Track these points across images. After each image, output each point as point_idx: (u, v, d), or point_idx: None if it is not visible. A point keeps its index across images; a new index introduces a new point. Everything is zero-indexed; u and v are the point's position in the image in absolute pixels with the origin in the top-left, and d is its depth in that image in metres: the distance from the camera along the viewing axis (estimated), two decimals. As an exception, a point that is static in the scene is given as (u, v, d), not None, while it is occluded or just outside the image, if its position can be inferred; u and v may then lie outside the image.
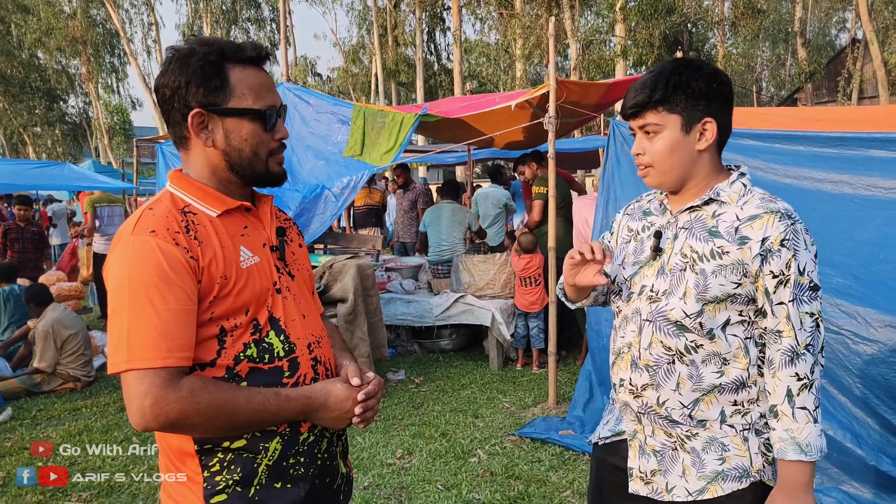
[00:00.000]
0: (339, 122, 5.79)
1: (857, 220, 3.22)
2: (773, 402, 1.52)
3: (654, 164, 1.57)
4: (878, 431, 3.06)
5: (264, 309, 1.38)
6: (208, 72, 1.34)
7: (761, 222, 1.50)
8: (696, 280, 1.52)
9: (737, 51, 26.42)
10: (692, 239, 1.57)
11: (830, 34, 35.87)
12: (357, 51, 34.44)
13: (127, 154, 29.82)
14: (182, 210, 1.35)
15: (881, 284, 3.09)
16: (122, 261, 1.27)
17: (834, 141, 3.36)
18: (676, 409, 1.58)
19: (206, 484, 1.33)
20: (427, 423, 4.66)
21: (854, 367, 3.08)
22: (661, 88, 1.53)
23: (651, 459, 1.65)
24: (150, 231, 1.28)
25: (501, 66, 24.45)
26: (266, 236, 1.46)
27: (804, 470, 1.48)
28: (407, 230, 9.21)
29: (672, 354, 1.57)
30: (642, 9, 17.03)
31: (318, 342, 1.48)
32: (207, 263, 1.30)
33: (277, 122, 1.41)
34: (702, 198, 1.57)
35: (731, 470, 1.57)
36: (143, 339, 1.22)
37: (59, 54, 33.19)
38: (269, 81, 1.42)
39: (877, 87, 19.41)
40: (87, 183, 12.62)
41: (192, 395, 1.23)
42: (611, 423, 1.78)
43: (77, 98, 37.39)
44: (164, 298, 1.24)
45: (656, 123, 1.55)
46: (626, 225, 1.78)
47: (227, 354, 1.32)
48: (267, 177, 1.44)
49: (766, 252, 1.48)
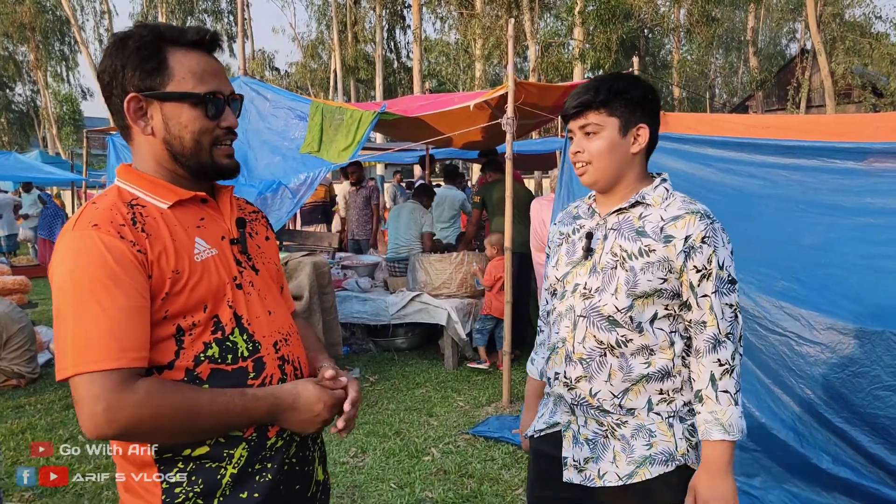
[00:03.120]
0: (296, 117, 5.73)
1: (802, 225, 3.32)
2: (697, 387, 1.66)
3: (593, 161, 1.69)
4: (820, 431, 3.15)
5: (225, 305, 1.29)
6: (144, 54, 1.27)
7: (684, 222, 1.63)
8: (627, 276, 1.64)
9: (691, 57, 26.97)
10: (621, 239, 1.69)
11: (781, 44, 36.91)
12: (316, 46, 34.09)
13: (76, 145, 28.98)
14: (129, 203, 1.27)
15: (824, 288, 3.19)
16: (63, 258, 1.19)
17: (782, 149, 3.45)
18: (608, 399, 1.68)
19: (164, 496, 1.24)
20: (381, 421, 4.65)
21: (797, 368, 3.17)
22: (603, 92, 1.66)
23: (584, 448, 1.74)
24: (92, 225, 1.20)
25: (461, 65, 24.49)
26: (226, 228, 1.37)
27: (726, 449, 1.61)
28: (361, 227, 9.16)
29: (604, 348, 1.67)
30: (600, 13, 17.24)
31: (285, 340, 1.39)
32: (157, 257, 1.22)
33: (226, 109, 1.33)
34: (629, 200, 1.70)
35: (657, 454, 1.67)
36: (92, 341, 1.14)
37: (5, 40, 32.07)
38: (216, 67, 1.33)
39: (824, 97, 20.04)
40: (34, 174, 12.24)
41: (148, 397, 1.14)
42: (545, 415, 1.86)
43: (24, 86, 36.21)
44: (111, 296, 1.15)
45: (597, 124, 1.68)
46: (558, 230, 1.89)
47: (185, 355, 1.23)
48: (213, 169, 1.34)
49: (689, 249, 1.61)
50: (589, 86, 1.69)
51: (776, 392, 3.25)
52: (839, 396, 3.06)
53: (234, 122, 1.35)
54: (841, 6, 22.73)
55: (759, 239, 3.43)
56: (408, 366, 6.09)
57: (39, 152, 20.84)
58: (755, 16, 27.17)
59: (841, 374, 3.06)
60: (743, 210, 3.50)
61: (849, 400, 3.04)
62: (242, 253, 1.39)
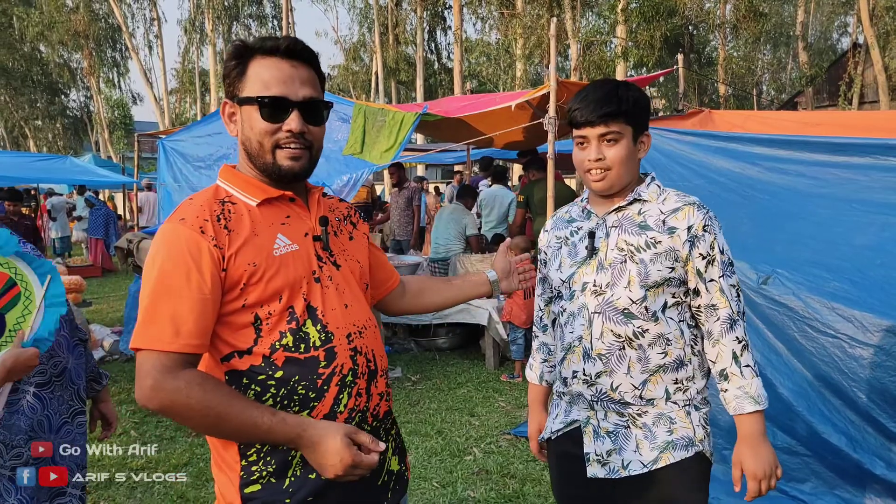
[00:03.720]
0: (339, 119, 5.79)
1: (854, 225, 3.23)
2: (721, 366, 1.74)
3: (613, 168, 1.72)
4: (873, 435, 3.06)
5: (300, 297, 1.38)
6: (232, 63, 1.42)
7: (683, 213, 1.73)
8: (638, 269, 1.71)
9: (738, 53, 26.39)
10: (625, 234, 1.75)
11: (832, 38, 35.91)
12: (358, 49, 34.41)
13: (127, 148, 29.79)
14: (221, 200, 1.41)
15: (878, 289, 3.10)
16: (154, 245, 1.35)
17: (833, 146, 3.37)
18: (629, 391, 1.73)
19: (242, 473, 1.36)
20: (423, 420, 4.67)
21: (850, 371, 3.09)
22: (623, 102, 1.71)
23: (606, 441, 1.77)
24: (180, 219, 1.35)
25: (502, 65, 24.44)
26: (310, 226, 1.47)
27: (759, 419, 1.72)
28: (403, 228, 9.21)
29: (622, 341, 1.72)
30: (644, 10, 17.01)
31: (359, 333, 1.46)
32: (235, 251, 1.34)
33: (291, 113, 1.38)
34: (627, 199, 1.77)
35: (678, 440, 1.74)
36: (156, 322, 1.28)
37: (61, 48, 33.14)
38: (290, 74, 1.40)
39: (877, 92, 19.41)
40: (88, 177, 12.63)
41: (186, 387, 1.25)
42: (559, 416, 1.89)
43: (78, 92, 37.40)
44: (179, 285, 1.29)
45: (618, 132, 1.71)
46: (553, 235, 1.93)
47: (263, 343, 1.35)
48: (276, 171, 1.41)
49: (692, 238, 1.71)
50: (606, 94, 1.71)
51: (827, 395, 3.17)
52: (894, 400, 2.97)
53: (296, 126, 1.39)
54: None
55: (810, 239, 3.35)
56: (449, 365, 6.10)
57: (93, 156, 21.51)
58: (805, 10, 26.48)
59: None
60: (792, 210, 3.43)
61: (904, 404, 2.95)
62: (324, 249, 1.48)
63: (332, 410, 1.38)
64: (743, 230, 3.54)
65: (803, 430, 3.15)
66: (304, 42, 1.45)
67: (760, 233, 3.53)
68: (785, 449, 3.21)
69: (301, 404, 1.35)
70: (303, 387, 1.35)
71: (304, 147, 1.42)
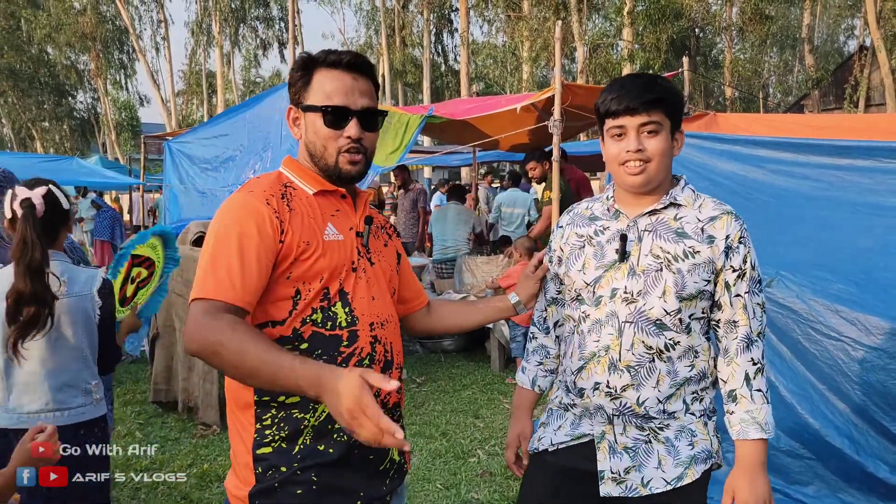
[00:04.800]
0: (345, 121, 5.81)
1: (858, 227, 3.23)
2: (731, 387, 1.66)
3: (653, 160, 1.61)
4: (876, 438, 3.06)
5: (337, 281, 1.49)
6: (299, 73, 1.56)
7: (722, 222, 1.64)
8: (675, 279, 1.61)
9: (744, 56, 26.36)
10: (660, 240, 1.65)
11: (838, 41, 35.84)
12: (365, 51, 34.44)
13: (134, 150, 29.89)
14: (284, 184, 1.54)
15: (882, 292, 3.10)
16: (220, 211, 1.47)
17: (837, 149, 3.37)
18: (654, 406, 1.64)
19: (256, 436, 1.44)
20: (428, 422, 4.68)
21: (853, 373, 3.09)
22: (665, 91, 1.61)
23: (623, 458, 1.67)
24: (248, 191, 1.48)
25: (508, 68, 24.47)
26: (355, 222, 1.60)
27: (762, 448, 1.63)
28: (408, 230, 9.24)
29: (653, 353, 1.63)
30: (650, 13, 17.04)
31: (381, 324, 1.55)
32: (294, 227, 1.45)
33: (350, 122, 1.52)
34: (662, 202, 1.66)
35: (700, 453, 1.67)
36: (214, 275, 1.38)
37: (68, 50, 33.33)
38: (351, 86, 1.53)
39: (884, 95, 19.36)
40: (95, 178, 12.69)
41: (223, 325, 1.30)
42: (564, 427, 1.77)
43: (85, 94, 37.61)
44: (240, 246, 1.39)
45: (659, 123, 1.61)
46: (573, 232, 1.79)
47: (296, 316, 1.45)
48: (336, 173, 1.55)
49: (728, 249, 1.63)
50: (646, 83, 1.61)
51: (831, 398, 3.17)
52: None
53: (354, 133, 1.53)
54: (903, 1, 21.93)
55: (814, 241, 3.35)
56: (454, 367, 6.12)
57: (99, 157, 21.59)
58: (811, 12, 26.41)
59: (900, 381, 2.97)
60: (796, 212, 3.43)
61: (908, 407, 2.95)
62: (364, 245, 1.60)
63: None
64: (747, 233, 3.55)
65: (806, 433, 3.15)
66: (364, 56, 1.58)
67: (764, 235, 3.52)
68: (788, 452, 3.21)
69: None
70: (324, 361, 1.42)
71: (361, 152, 1.56)
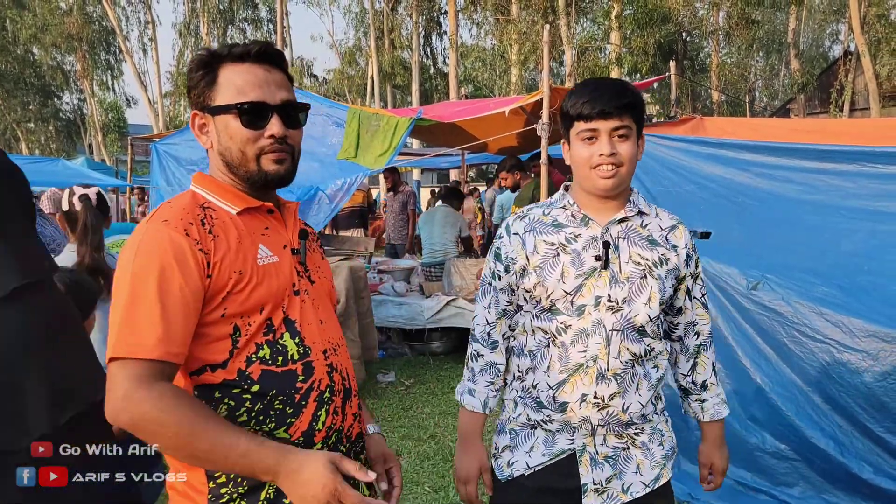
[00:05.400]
0: (333, 124, 5.82)
1: (842, 231, 3.26)
2: (703, 378, 1.84)
3: (625, 164, 1.62)
4: (860, 440, 3.09)
5: (279, 309, 1.34)
6: (200, 73, 1.36)
7: (679, 231, 1.73)
8: (659, 285, 1.66)
9: (731, 60, 26.55)
10: (636, 247, 1.67)
11: (823, 46, 36.13)
12: (353, 53, 34.43)
13: (121, 152, 29.71)
14: (202, 205, 1.34)
15: (865, 295, 3.14)
16: (130, 248, 1.25)
17: (821, 153, 3.41)
18: (637, 411, 1.67)
19: (210, 496, 1.27)
20: (416, 425, 4.68)
21: (838, 376, 3.12)
22: (629, 96, 1.61)
23: (605, 467, 1.68)
24: (162, 221, 1.27)
25: (497, 71, 24.50)
26: (288, 239, 1.43)
27: (724, 421, 1.88)
28: (398, 232, 9.24)
29: (634, 360, 1.66)
30: (637, 17, 17.14)
31: (334, 350, 1.42)
32: (220, 258, 1.27)
33: (271, 118, 1.34)
34: (631, 209, 1.69)
35: (669, 451, 1.76)
36: (135, 329, 1.19)
37: (54, 50, 33.03)
38: (264, 78, 1.36)
39: (868, 100, 19.56)
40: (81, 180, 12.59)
41: (160, 400, 1.15)
42: (538, 447, 1.72)
43: (71, 95, 37.26)
44: (161, 290, 1.20)
45: (629, 127, 1.62)
46: (540, 240, 1.70)
47: (239, 356, 1.28)
48: (262, 177, 1.36)
49: (688, 256, 1.73)
50: (615, 86, 1.62)
51: (816, 400, 3.20)
52: (881, 405, 3.00)
53: (278, 130, 1.35)
54: (886, 7, 22.16)
55: (799, 245, 3.38)
56: (443, 370, 6.11)
57: (85, 159, 21.39)
58: (796, 17, 26.65)
59: (883, 383, 3.00)
60: (781, 216, 3.47)
61: (891, 409, 2.98)
62: (301, 264, 1.44)
63: (311, 428, 1.33)
64: (733, 236, 3.58)
65: (792, 435, 3.18)
66: (273, 45, 1.41)
67: (750, 238, 3.56)
68: (774, 453, 3.24)
69: (278, 420, 1.29)
70: (280, 402, 1.29)
71: (287, 151, 1.39)
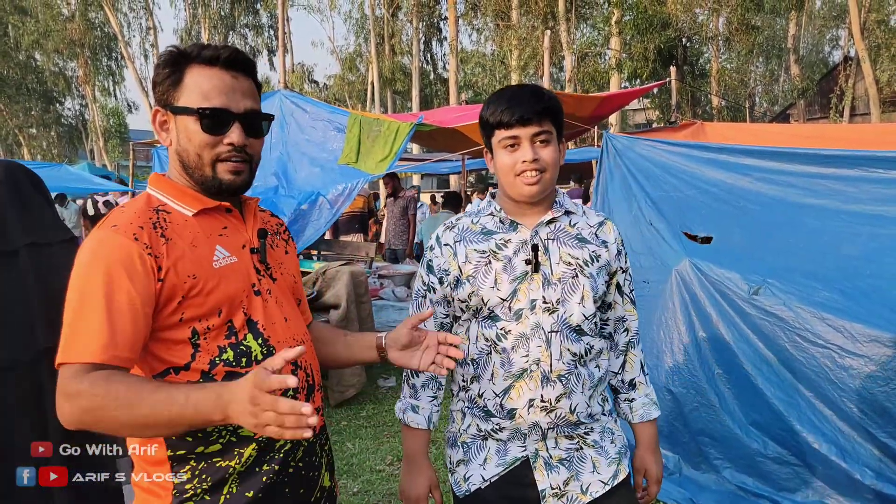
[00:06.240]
0: (334, 129, 5.83)
1: (843, 235, 3.26)
2: (630, 376, 1.81)
3: (548, 170, 1.61)
4: (862, 445, 3.08)
5: (240, 311, 1.34)
6: (166, 71, 1.35)
7: (608, 227, 1.74)
8: (591, 283, 1.65)
9: (731, 66, 26.60)
10: (565, 247, 1.67)
11: (823, 51, 36.20)
12: (354, 59, 34.51)
13: (122, 157, 29.79)
14: (155, 209, 1.33)
15: (867, 300, 3.13)
16: (81, 254, 1.25)
17: (822, 158, 3.40)
18: (584, 410, 1.66)
19: (175, 491, 1.30)
20: (416, 430, 4.67)
21: (840, 381, 3.11)
22: (547, 100, 1.61)
23: (560, 470, 1.66)
24: (111, 226, 1.26)
25: (497, 76, 24.55)
26: (247, 238, 1.42)
27: (656, 424, 1.82)
28: (398, 237, 9.25)
29: (576, 359, 1.64)
30: (637, 23, 17.19)
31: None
32: (174, 262, 1.27)
33: (232, 126, 1.34)
34: (558, 210, 1.69)
35: (622, 448, 1.75)
36: (81, 335, 1.19)
37: (56, 56, 33.15)
38: (231, 85, 1.35)
39: (868, 105, 19.60)
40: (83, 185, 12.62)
41: (91, 386, 1.15)
42: (492, 459, 1.69)
43: (73, 100, 37.38)
44: (107, 296, 1.20)
45: (550, 132, 1.62)
46: (471, 249, 1.69)
47: (201, 358, 1.29)
48: (216, 183, 1.36)
49: (618, 251, 1.73)
50: (533, 93, 1.62)
51: (817, 405, 3.19)
52: (883, 410, 3.00)
53: (237, 138, 1.34)
54: (886, 12, 22.23)
55: (799, 249, 3.38)
56: (443, 375, 6.10)
57: (87, 164, 21.47)
58: (796, 23, 26.72)
59: (885, 388, 2.99)
60: (782, 220, 3.46)
61: (893, 413, 2.97)
62: (262, 262, 1.43)
63: None
64: (734, 240, 3.58)
65: (793, 440, 3.17)
66: (244, 52, 1.40)
67: (751, 243, 3.56)
68: (775, 458, 3.23)
69: None
70: None
71: (245, 160, 1.38)
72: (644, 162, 4.01)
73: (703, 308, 3.46)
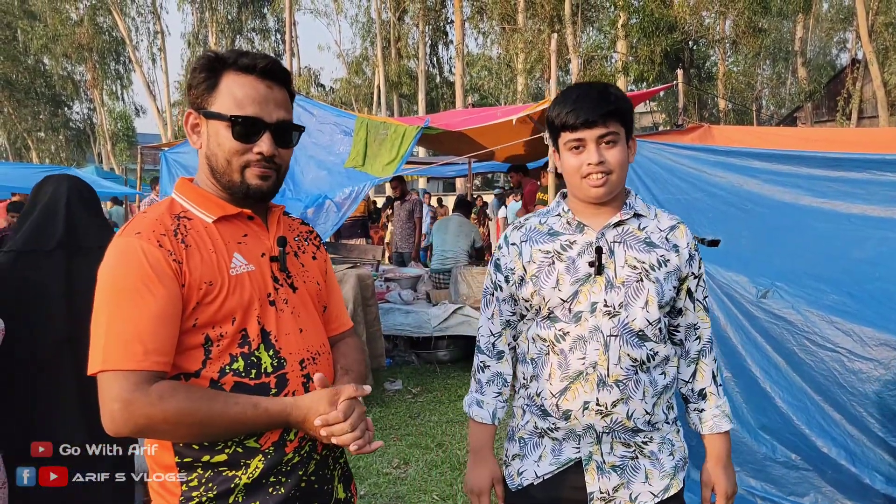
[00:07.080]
0: (341, 133, 5.84)
1: (852, 238, 3.25)
2: (701, 386, 1.75)
3: (615, 171, 1.60)
4: (872, 450, 3.07)
5: (254, 320, 1.34)
6: (202, 74, 1.36)
7: (680, 231, 1.69)
8: (656, 288, 1.62)
9: (737, 69, 26.55)
10: (632, 251, 1.64)
11: (831, 54, 36.07)
12: (360, 62, 34.57)
13: (129, 160, 29.90)
14: (177, 215, 1.36)
15: (876, 303, 3.12)
16: (107, 261, 1.28)
17: (830, 161, 3.39)
18: (641, 418, 1.63)
19: (182, 497, 1.31)
20: (423, 433, 4.67)
21: (849, 384, 3.10)
22: (619, 101, 1.60)
23: (612, 476, 1.65)
24: (135, 233, 1.29)
25: (503, 79, 24.57)
26: (267, 246, 1.43)
27: (729, 438, 1.75)
28: (405, 240, 9.26)
29: (636, 365, 1.62)
30: (644, 26, 17.16)
31: (313, 359, 1.42)
32: (192, 268, 1.29)
33: (263, 135, 1.35)
34: (627, 212, 1.66)
35: (679, 462, 1.71)
36: (119, 342, 1.22)
37: (64, 60, 33.31)
38: (265, 95, 1.36)
39: (876, 108, 19.51)
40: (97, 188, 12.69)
41: (159, 401, 1.20)
42: (546, 456, 1.71)
43: (81, 104, 37.54)
44: (143, 300, 1.23)
45: (617, 133, 1.60)
46: (535, 249, 1.70)
47: (212, 366, 1.30)
48: (243, 189, 1.37)
49: (690, 256, 1.69)
50: (601, 93, 1.60)
51: (827, 409, 3.17)
52: (893, 414, 2.98)
53: (267, 149, 1.35)
54: (894, 15, 22.14)
55: (808, 252, 3.37)
56: (450, 378, 6.10)
57: (95, 168, 21.56)
58: (804, 26, 26.64)
59: (895, 392, 2.98)
60: (791, 223, 3.45)
61: (903, 418, 2.96)
62: (281, 271, 1.43)
63: (282, 438, 1.35)
64: (742, 243, 3.56)
65: (802, 444, 3.16)
66: (280, 62, 1.40)
67: (759, 246, 3.55)
68: (784, 463, 3.21)
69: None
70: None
71: (273, 168, 1.39)
72: (651, 165, 4.01)
73: (712, 311, 3.45)
